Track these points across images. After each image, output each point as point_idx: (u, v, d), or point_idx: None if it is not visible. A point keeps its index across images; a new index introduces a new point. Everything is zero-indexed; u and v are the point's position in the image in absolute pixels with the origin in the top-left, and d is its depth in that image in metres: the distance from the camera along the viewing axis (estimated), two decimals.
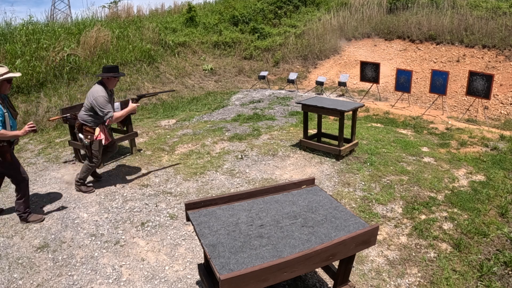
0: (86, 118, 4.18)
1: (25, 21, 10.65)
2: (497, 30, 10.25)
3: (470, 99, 8.74)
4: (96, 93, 4.06)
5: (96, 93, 4.06)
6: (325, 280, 2.89)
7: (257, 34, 13.52)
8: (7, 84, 3.55)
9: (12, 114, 3.66)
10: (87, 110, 4.16)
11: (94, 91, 4.10)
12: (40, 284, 2.90)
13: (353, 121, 5.26)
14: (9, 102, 3.68)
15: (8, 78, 3.50)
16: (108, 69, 4.12)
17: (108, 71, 4.11)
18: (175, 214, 3.86)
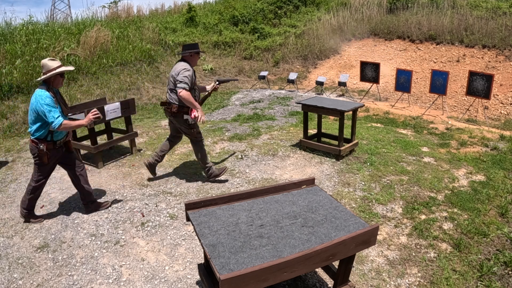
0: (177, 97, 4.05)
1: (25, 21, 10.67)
2: (497, 30, 10.25)
3: (470, 99, 8.74)
4: (181, 67, 3.98)
5: (181, 67, 3.98)
6: (325, 280, 2.89)
7: (257, 34, 13.52)
8: (60, 78, 3.53)
9: (63, 110, 3.61)
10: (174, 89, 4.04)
11: (178, 66, 4.02)
12: (40, 284, 2.90)
13: (353, 121, 5.26)
14: (61, 97, 3.65)
15: (61, 72, 3.48)
16: (191, 46, 4.07)
17: (190, 48, 4.06)
18: (175, 214, 3.86)
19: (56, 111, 3.38)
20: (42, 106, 3.34)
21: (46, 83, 3.48)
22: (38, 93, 3.41)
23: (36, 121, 3.45)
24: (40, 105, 3.35)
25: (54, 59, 3.51)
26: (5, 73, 7.71)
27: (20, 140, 6.60)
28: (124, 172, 4.94)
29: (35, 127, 3.46)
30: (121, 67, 9.83)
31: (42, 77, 3.46)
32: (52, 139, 3.55)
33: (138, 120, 7.67)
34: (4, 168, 5.24)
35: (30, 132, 3.51)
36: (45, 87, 3.45)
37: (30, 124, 3.52)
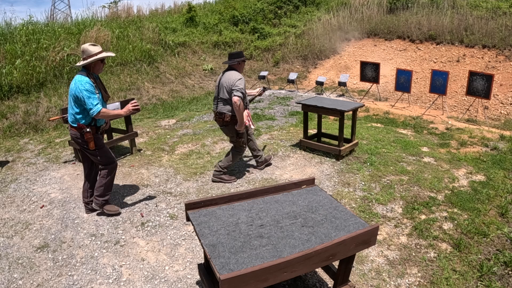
0: (230, 108, 4.15)
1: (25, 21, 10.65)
2: (497, 30, 10.25)
3: (470, 99, 8.74)
4: (234, 77, 4.06)
5: (234, 77, 4.06)
6: (325, 280, 2.89)
7: (257, 34, 13.52)
8: (101, 63, 3.53)
9: (104, 96, 3.61)
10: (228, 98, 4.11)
11: (231, 76, 4.08)
12: (40, 284, 2.90)
13: (353, 121, 5.26)
14: (101, 83, 3.64)
15: (102, 58, 3.47)
16: (237, 54, 4.21)
17: (237, 57, 4.20)
18: (175, 214, 3.86)
19: (95, 98, 3.37)
20: (82, 92, 3.32)
21: (86, 68, 3.46)
22: (78, 78, 3.38)
23: (78, 107, 3.43)
24: (79, 90, 3.32)
25: (95, 44, 3.49)
26: (5, 73, 7.70)
27: (20, 140, 6.60)
28: (124, 172, 4.94)
29: (77, 112, 3.44)
30: (121, 67, 9.83)
31: (82, 62, 3.43)
32: (96, 124, 3.56)
33: (138, 120, 7.67)
34: (4, 168, 5.24)
35: (72, 118, 3.47)
36: (85, 73, 3.43)
37: (70, 111, 3.47)
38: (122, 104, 5.30)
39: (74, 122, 3.48)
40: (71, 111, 3.48)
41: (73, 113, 3.47)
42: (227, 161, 4.47)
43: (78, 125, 3.47)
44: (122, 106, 5.28)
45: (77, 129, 3.48)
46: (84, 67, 3.47)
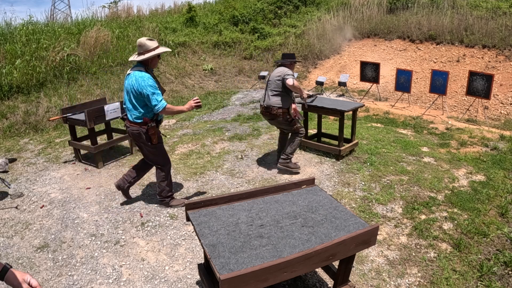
0: (279, 100, 4.35)
1: (25, 21, 10.66)
2: (497, 30, 10.25)
3: (470, 99, 8.74)
4: (284, 69, 4.36)
5: (284, 69, 4.36)
6: (325, 280, 2.89)
7: (257, 34, 13.52)
8: (157, 58, 3.52)
9: (161, 91, 3.59)
10: (277, 92, 4.36)
11: (281, 69, 4.38)
12: (40, 284, 2.90)
13: (353, 121, 5.26)
14: (155, 78, 3.61)
15: (160, 53, 3.46)
16: (291, 55, 4.56)
17: (291, 57, 4.54)
18: (175, 214, 3.86)
19: (159, 94, 3.35)
20: (146, 88, 3.29)
21: (143, 63, 3.42)
22: (139, 74, 3.33)
23: (140, 104, 3.41)
24: (143, 86, 3.29)
25: (152, 39, 3.44)
26: (5, 73, 7.71)
27: (20, 140, 6.60)
28: (124, 172, 4.94)
29: (141, 108, 3.43)
30: (121, 67, 9.83)
31: (140, 57, 3.38)
32: (157, 119, 3.56)
33: None
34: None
35: (134, 114, 3.45)
36: (143, 68, 3.39)
37: (131, 107, 3.45)
38: (122, 104, 5.29)
39: (137, 118, 3.45)
40: (132, 107, 3.45)
41: (134, 109, 3.45)
42: (291, 146, 4.58)
43: (144, 119, 3.44)
44: (122, 106, 5.28)
45: (140, 124, 3.46)
46: (140, 62, 3.42)
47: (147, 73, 3.36)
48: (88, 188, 4.50)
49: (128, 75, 3.45)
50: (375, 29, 12.62)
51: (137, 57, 3.42)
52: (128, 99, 3.46)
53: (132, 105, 3.45)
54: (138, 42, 3.39)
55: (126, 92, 3.46)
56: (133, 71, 3.41)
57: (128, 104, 3.49)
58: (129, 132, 3.58)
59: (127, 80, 3.45)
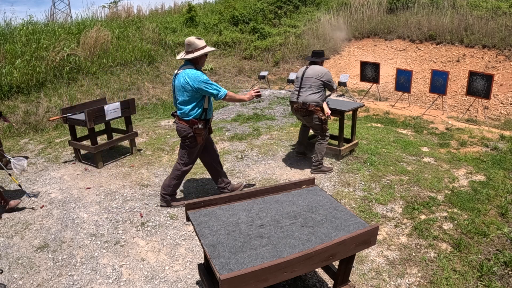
0: (317, 98, 4.45)
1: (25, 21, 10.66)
2: (497, 30, 10.25)
3: (470, 99, 8.74)
4: (323, 70, 4.48)
5: (323, 70, 4.48)
6: (325, 280, 2.89)
7: (257, 34, 13.52)
8: (205, 57, 3.59)
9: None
10: (317, 90, 4.46)
11: (319, 69, 4.48)
12: (40, 284, 2.90)
13: (353, 121, 5.26)
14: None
15: (209, 52, 3.55)
16: (321, 53, 4.67)
17: (322, 56, 4.65)
18: (175, 214, 3.86)
19: (215, 83, 3.44)
20: (201, 84, 3.37)
21: (192, 62, 3.50)
22: (190, 72, 3.41)
23: (190, 101, 3.46)
24: (197, 82, 3.36)
25: (200, 37, 3.52)
26: (5, 73, 7.70)
27: (20, 140, 6.60)
28: (124, 172, 4.94)
29: (190, 107, 3.48)
30: (121, 67, 9.83)
31: (190, 55, 3.46)
32: (206, 117, 3.60)
33: (138, 120, 7.67)
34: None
35: (183, 113, 3.51)
36: (192, 66, 3.47)
37: (181, 105, 3.51)
38: (122, 104, 5.30)
39: (186, 116, 3.52)
40: (183, 105, 3.51)
41: (184, 107, 3.50)
42: (320, 153, 4.66)
43: (191, 120, 3.51)
44: (122, 106, 5.28)
45: (188, 123, 3.52)
46: (189, 61, 3.50)
47: (197, 70, 3.46)
48: (88, 188, 4.50)
49: (178, 74, 3.51)
50: (375, 29, 12.62)
51: (186, 55, 3.50)
52: (178, 98, 3.53)
53: (183, 104, 3.52)
54: (187, 41, 3.46)
55: (177, 91, 3.52)
56: (184, 69, 3.48)
57: (177, 103, 3.57)
58: (176, 129, 3.67)
59: (177, 79, 3.50)
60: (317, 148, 4.67)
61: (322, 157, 4.69)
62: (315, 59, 4.60)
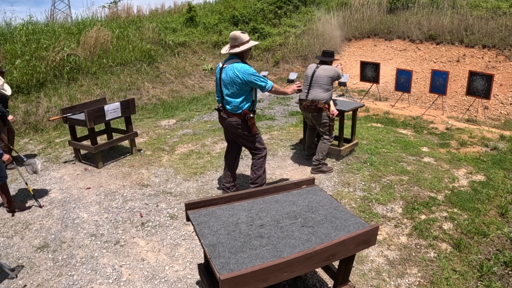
0: (326, 95, 4.53)
1: (25, 21, 10.65)
2: (497, 30, 10.25)
3: (470, 99, 8.74)
4: (334, 70, 4.58)
5: (334, 70, 4.58)
6: (325, 280, 2.89)
7: (257, 34, 13.51)
8: (249, 51, 3.65)
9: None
10: (326, 88, 4.55)
11: (330, 69, 4.57)
12: (40, 284, 2.90)
13: (353, 121, 5.26)
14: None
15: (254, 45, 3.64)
16: (331, 54, 4.75)
17: (331, 56, 4.74)
18: (175, 214, 3.86)
19: (262, 76, 3.53)
20: (250, 76, 3.44)
21: (238, 56, 3.55)
22: (239, 65, 3.46)
23: (240, 94, 3.52)
24: (247, 75, 3.43)
25: (244, 32, 3.57)
26: (5, 73, 7.70)
27: (20, 140, 6.60)
28: (124, 172, 4.94)
29: (240, 100, 3.55)
30: (121, 67, 9.83)
31: (235, 50, 3.50)
32: (253, 108, 3.71)
33: (138, 120, 7.67)
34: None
35: (234, 106, 3.56)
36: (239, 60, 3.53)
37: (230, 99, 3.55)
38: (122, 104, 5.30)
39: (238, 109, 3.58)
40: (232, 99, 3.55)
41: (235, 101, 3.55)
42: (322, 152, 4.67)
43: (243, 111, 3.58)
44: (122, 106, 5.28)
45: (240, 116, 3.59)
46: (235, 55, 3.54)
47: (245, 64, 3.52)
48: (88, 188, 4.50)
49: (225, 67, 3.54)
50: (375, 29, 12.61)
51: (231, 49, 3.53)
52: (227, 92, 3.56)
53: (233, 97, 3.55)
54: (233, 35, 3.50)
55: (225, 84, 3.54)
56: (231, 63, 3.52)
57: (226, 97, 3.59)
58: (228, 123, 3.68)
59: (225, 73, 3.53)
60: (320, 147, 4.69)
61: (323, 157, 4.70)
62: (325, 58, 4.68)
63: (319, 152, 4.68)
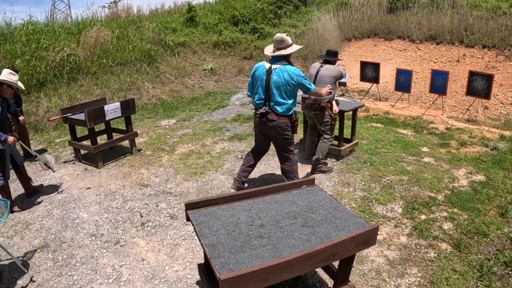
0: (329, 94, 4.49)
1: (25, 21, 10.65)
2: (497, 30, 10.25)
3: (470, 99, 8.74)
4: (337, 70, 4.58)
5: (337, 70, 4.58)
6: (325, 280, 2.89)
7: (257, 34, 13.52)
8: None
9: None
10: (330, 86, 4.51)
11: (334, 69, 4.59)
12: (40, 284, 2.90)
13: (353, 121, 5.26)
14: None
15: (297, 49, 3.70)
16: (335, 53, 4.74)
17: (335, 56, 4.72)
18: (175, 214, 3.86)
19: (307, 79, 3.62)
20: (302, 79, 3.52)
21: (284, 57, 3.59)
22: (291, 68, 3.52)
23: (292, 95, 3.59)
24: (300, 78, 3.50)
25: (288, 34, 3.60)
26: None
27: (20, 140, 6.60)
28: (124, 172, 4.94)
29: (291, 102, 3.61)
30: (121, 67, 9.83)
31: (281, 52, 3.53)
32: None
33: (138, 120, 7.67)
34: None
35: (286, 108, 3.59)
36: (286, 62, 3.56)
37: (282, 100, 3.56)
38: (122, 104, 5.30)
39: (288, 111, 3.62)
40: (283, 101, 3.57)
41: (285, 103, 3.57)
42: (322, 152, 4.65)
43: (293, 112, 3.66)
44: (122, 106, 5.29)
45: (289, 117, 3.65)
46: (282, 57, 3.57)
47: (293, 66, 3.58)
48: (88, 188, 4.50)
49: (275, 69, 3.54)
50: (375, 29, 12.61)
51: (278, 51, 3.55)
52: (279, 94, 3.56)
53: (286, 98, 3.57)
54: (280, 37, 3.54)
55: (278, 86, 3.53)
56: (281, 65, 3.54)
57: (278, 98, 3.57)
58: (274, 126, 3.65)
59: (277, 75, 3.52)
60: (321, 146, 4.68)
61: (323, 157, 4.70)
62: (329, 58, 4.69)
63: (319, 152, 4.68)
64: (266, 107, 3.62)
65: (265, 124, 3.67)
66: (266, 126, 3.69)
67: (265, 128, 3.73)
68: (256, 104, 3.71)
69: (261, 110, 3.64)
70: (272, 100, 3.59)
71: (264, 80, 3.59)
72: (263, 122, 3.68)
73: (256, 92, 3.69)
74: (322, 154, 4.66)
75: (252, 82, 3.79)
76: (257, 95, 3.68)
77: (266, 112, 3.63)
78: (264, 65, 3.62)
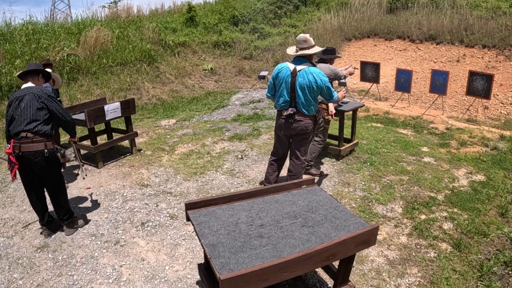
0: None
1: (25, 21, 10.65)
2: (497, 30, 10.25)
3: (470, 99, 8.74)
4: (329, 67, 4.46)
5: (329, 67, 4.46)
6: (325, 280, 2.89)
7: (257, 34, 13.52)
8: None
9: None
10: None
11: (324, 66, 4.44)
12: (40, 284, 2.90)
13: (353, 121, 5.26)
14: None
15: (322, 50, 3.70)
16: (332, 51, 4.58)
17: (333, 53, 4.57)
18: (175, 214, 3.86)
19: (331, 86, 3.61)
20: (327, 83, 3.49)
21: (307, 58, 3.55)
22: (315, 70, 3.47)
23: (316, 97, 3.56)
24: (325, 81, 3.47)
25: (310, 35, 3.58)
26: (5, 73, 7.70)
27: None
28: (124, 172, 4.94)
29: (316, 102, 3.61)
30: (121, 67, 9.83)
31: (305, 51, 3.48)
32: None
33: (138, 120, 7.67)
34: (4, 168, 5.24)
35: (312, 109, 3.59)
36: (310, 63, 3.52)
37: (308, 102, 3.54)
38: (122, 104, 5.30)
39: (314, 111, 3.64)
40: (308, 102, 3.55)
41: (310, 104, 3.57)
42: (311, 153, 4.57)
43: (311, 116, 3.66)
44: (122, 106, 5.28)
45: (313, 118, 3.68)
46: (304, 57, 3.53)
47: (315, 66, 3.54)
48: (88, 188, 4.50)
49: (300, 70, 3.48)
50: (375, 29, 12.61)
51: (302, 51, 3.50)
52: (304, 95, 3.52)
53: (308, 100, 3.55)
54: (304, 37, 3.49)
55: (303, 88, 3.48)
56: (306, 66, 3.49)
57: (303, 100, 3.54)
58: (299, 127, 3.62)
59: (302, 76, 3.47)
60: (310, 148, 4.56)
61: (312, 159, 4.58)
62: (323, 56, 4.55)
63: (308, 154, 4.55)
64: (293, 108, 3.58)
65: (291, 125, 3.62)
66: (291, 127, 3.64)
67: (290, 129, 3.67)
68: (281, 107, 3.65)
69: (288, 111, 3.59)
70: (298, 102, 3.55)
71: (289, 82, 3.53)
72: (289, 123, 3.63)
73: (280, 94, 3.62)
74: (310, 156, 4.55)
75: (273, 84, 3.70)
76: (282, 97, 3.61)
77: (293, 113, 3.58)
78: (288, 67, 3.55)
